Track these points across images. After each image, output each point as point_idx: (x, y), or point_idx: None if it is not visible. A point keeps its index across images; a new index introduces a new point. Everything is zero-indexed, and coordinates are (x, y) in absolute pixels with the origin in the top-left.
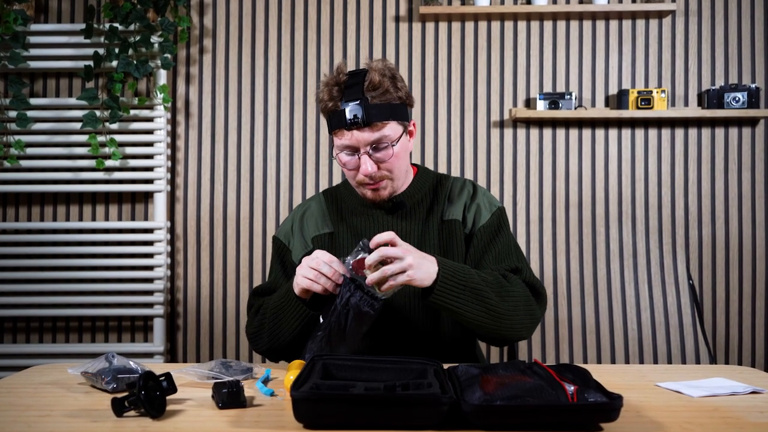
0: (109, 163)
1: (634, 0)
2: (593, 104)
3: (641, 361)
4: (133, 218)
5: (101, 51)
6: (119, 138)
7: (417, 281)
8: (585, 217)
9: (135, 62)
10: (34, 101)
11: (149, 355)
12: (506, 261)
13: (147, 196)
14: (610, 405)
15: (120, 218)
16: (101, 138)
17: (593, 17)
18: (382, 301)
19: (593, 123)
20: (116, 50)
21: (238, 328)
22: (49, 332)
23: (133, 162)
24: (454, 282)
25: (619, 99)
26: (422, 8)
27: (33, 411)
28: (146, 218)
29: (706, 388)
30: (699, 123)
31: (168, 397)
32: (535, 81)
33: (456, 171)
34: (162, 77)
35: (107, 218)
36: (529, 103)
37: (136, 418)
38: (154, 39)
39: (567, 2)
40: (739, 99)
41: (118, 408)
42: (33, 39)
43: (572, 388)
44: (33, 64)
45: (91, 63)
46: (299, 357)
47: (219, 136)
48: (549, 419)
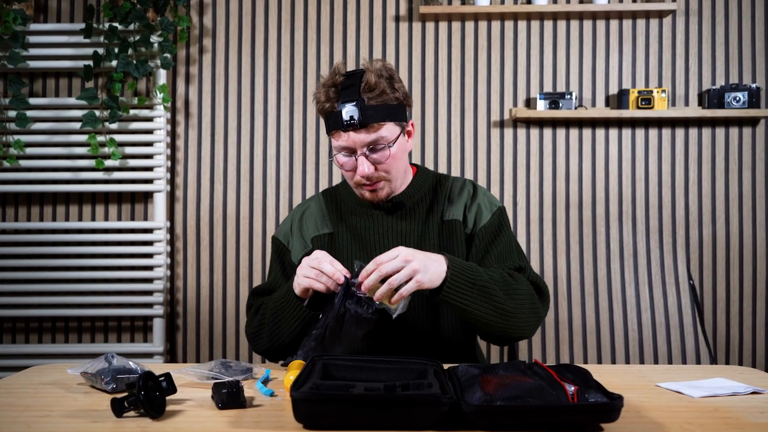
0: (109, 163)
1: (635, 0)
2: (593, 104)
3: (642, 362)
4: (133, 218)
5: (101, 51)
6: (119, 138)
7: (426, 285)
8: (585, 217)
9: (134, 62)
10: (34, 101)
11: (149, 356)
12: (508, 260)
13: (147, 196)
14: (611, 405)
15: (119, 218)
16: (101, 138)
17: (593, 17)
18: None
19: (593, 123)
20: (116, 50)
21: (238, 329)
22: (49, 332)
23: (133, 162)
24: (463, 280)
25: (620, 99)
26: (422, 8)
27: (32, 411)
28: (146, 218)
29: (707, 389)
30: (699, 123)
31: (168, 398)
32: (536, 81)
33: (456, 171)
34: (162, 77)
35: (107, 218)
36: (530, 103)
37: (136, 419)
38: (154, 39)
39: (567, 2)
40: (740, 99)
41: (118, 408)
42: (32, 39)
43: (573, 389)
44: (32, 64)
45: (91, 63)
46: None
47: (219, 136)
48: (549, 420)
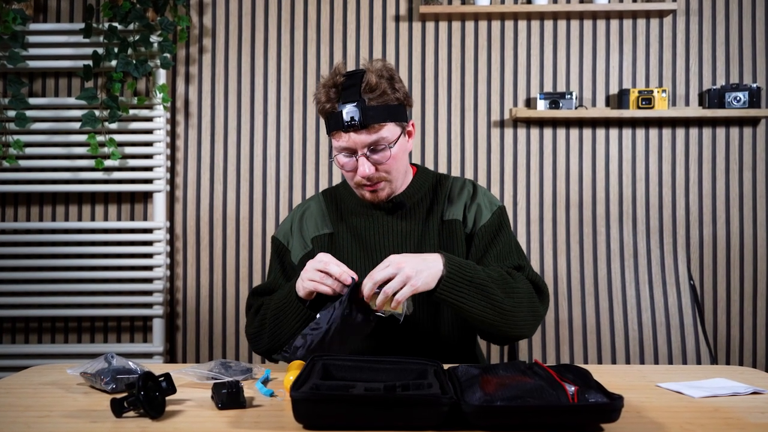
0: (109, 163)
1: (635, 0)
2: (594, 104)
3: (642, 362)
4: (133, 218)
5: (100, 50)
6: (118, 138)
7: (421, 288)
8: (585, 217)
9: (134, 62)
10: (33, 101)
11: (148, 356)
12: (508, 259)
13: (146, 196)
14: (611, 405)
15: (119, 218)
16: (100, 138)
17: (594, 17)
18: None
19: (594, 123)
20: (115, 50)
21: (238, 329)
22: (48, 332)
23: (133, 162)
24: (460, 277)
25: (620, 99)
26: (422, 8)
27: (32, 411)
28: (145, 218)
29: (707, 389)
30: (700, 123)
31: (167, 398)
32: (536, 80)
33: (456, 171)
34: (161, 77)
35: (106, 218)
36: (530, 103)
37: (136, 419)
38: (154, 38)
39: (567, 2)
40: (740, 99)
41: (118, 408)
42: (32, 38)
43: (573, 389)
44: (32, 64)
45: (90, 62)
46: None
47: (218, 136)
48: (549, 420)
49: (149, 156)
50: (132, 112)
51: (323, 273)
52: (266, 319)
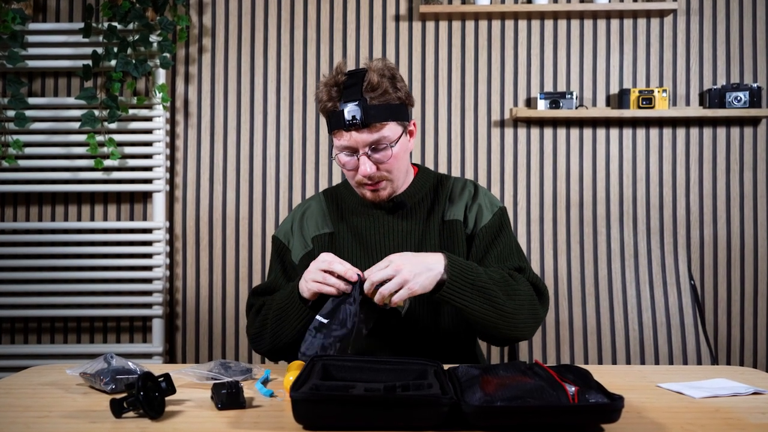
0: (108, 163)
1: None
2: (594, 104)
3: (642, 362)
4: (132, 218)
5: (100, 50)
6: (118, 138)
7: (419, 291)
8: (586, 217)
9: (134, 61)
10: (33, 101)
11: (148, 356)
12: (508, 261)
13: (146, 196)
14: (611, 406)
15: (119, 218)
16: (100, 137)
17: (594, 16)
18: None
19: (594, 122)
20: (115, 49)
21: (238, 329)
22: (48, 333)
23: (132, 162)
24: (462, 279)
25: (620, 98)
26: (422, 7)
27: (31, 412)
28: (145, 218)
29: (708, 389)
30: (700, 122)
31: (167, 398)
32: (536, 80)
33: (456, 171)
34: (161, 76)
35: (106, 218)
36: (530, 103)
37: (135, 419)
38: (153, 38)
39: (568, 1)
40: (741, 98)
41: (117, 409)
42: (31, 38)
43: (573, 389)
44: (31, 64)
45: (90, 62)
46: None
47: (218, 136)
48: (550, 420)
49: (149, 156)
50: (131, 112)
51: (327, 273)
52: (268, 320)
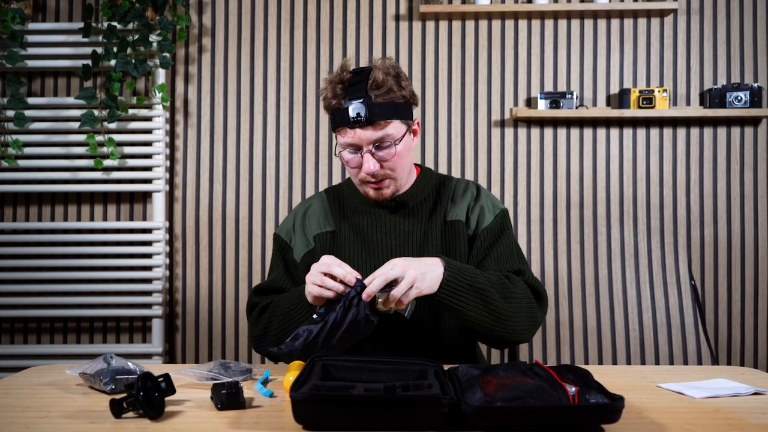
0: (108, 163)
1: None
2: (594, 103)
3: (643, 362)
4: (132, 218)
5: (99, 50)
6: (117, 137)
7: (425, 291)
8: (586, 217)
9: (133, 61)
10: (32, 100)
11: (148, 356)
12: (508, 263)
13: (145, 196)
14: (612, 406)
15: (118, 218)
16: (99, 137)
17: (594, 16)
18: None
19: (594, 122)
20: (114, 49)
21: (238, 329)
22: (47, 333)
23: (132, 162)
24: (459, 281)
25: (621, 98)
26: (422, 7)
27: (31, 412)
28: (145, 218)
29: (708, 389)
30: (701, 122)
31: (166, 398)
32: (536, 80)
33: (456, 170)
34: (161, 76)
35: (105, 218)
36: (530, 103)
37: (135, 420)
38: (153, 38)
39: (568, 1)
40: (742, 98)
41: (117, 409)
42: (31, 38)
43: (573, 389)
44: (31, 63)
45: (90, 62)
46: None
47: (218, 136)
48: (550, 420)
49: (148, 156)
50: (131, 112)
51: (326, 275)
52: (272, 323)
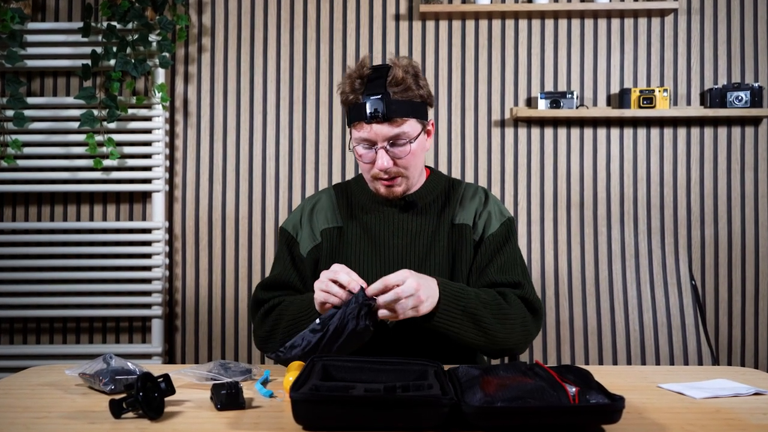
0: (107, 163)
1: None
2: (595, 103)
3: (643, 363)
4: (131, 218)
5: (99, 50)
6: (117, 137)
7: (422, 312)
8: (587, 217)
9: (133, 61)
10: (32, 100)
11: (147, 356)
12: (510, 273)
13: (145, 196)
14: (612, 406)
15: (118, 218)
16: (99, 137)
17: (595, 15)
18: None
19: (595, 122)
20: (114, 49)
21: (237, 329)
22: (47, 333)
23: (131, 161)
24: (454, 307)
25: (621, 98)
26: (422, 7)
27: (30, 412)
28: (144, 218)
29: (709, 390)
30: (701, 122)
31: (166, 399)
32: (536, 80)
33: (456, 170)
34: (160, 76)
35: (105, 218)
36: (530, 102)
37: (134, 420)
38: (153, 37)
39: (568, 1)
40: (742, 98)
41: (116, 409)
42: (30, 38)
43: (574, 390)
44: (30, 63)
45: (89, 62)
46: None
47: (218, 136)
48: (550, 421)
49: (148, 156)
50: (131, 112)
51: (330, 282)
52: (279, 326)
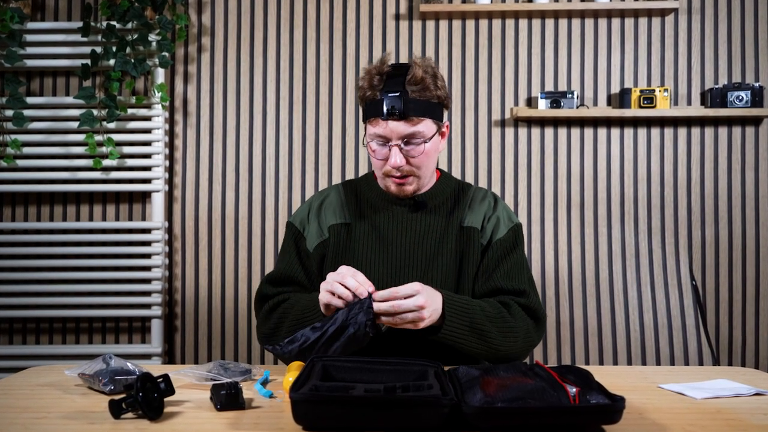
0: (107, 163)
1: None
2: (595, 103)
3: (644, 363)
4: (131, 218)
5: (98, 49)
6: (117, 137)
7: (419, 328)
8: (587, 217)
9: (132, 61)
10: (31, 100)
11: (147, 357)
12: (516, 280)
13: (144, 196)
14: (613, 407)
15: (117, 218)
16: (98, 137)
17: (595, 15)
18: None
19: (595, 122)
20: (114, 48)
21: (237, 330)
22: (46, 333)
23: (131, 161)
24: (459, 322)
25: (622, 98)
26: (422, 6)
27: (30, 413)
28: (144, 218)
29: (709, 390)
30: (702, 122)
31: (166, 399)
32: (537, 80)
33: (457, 170)
34: (160, 76)
35: (104, 218)
36: (531, 102)
37: (134, 420)
38: (152, 37)
39: (568, 0)
40: (743, 98)
41: (116, 410)
42: (30, 37)
43: (574, 390)
44: (30, 63)
45: (89, 61)
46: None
47: (217, 136)
48: (551, 421)
49: (147, 156)
50: (130, 112)
51: (337, 283)
52: (283, 324)
